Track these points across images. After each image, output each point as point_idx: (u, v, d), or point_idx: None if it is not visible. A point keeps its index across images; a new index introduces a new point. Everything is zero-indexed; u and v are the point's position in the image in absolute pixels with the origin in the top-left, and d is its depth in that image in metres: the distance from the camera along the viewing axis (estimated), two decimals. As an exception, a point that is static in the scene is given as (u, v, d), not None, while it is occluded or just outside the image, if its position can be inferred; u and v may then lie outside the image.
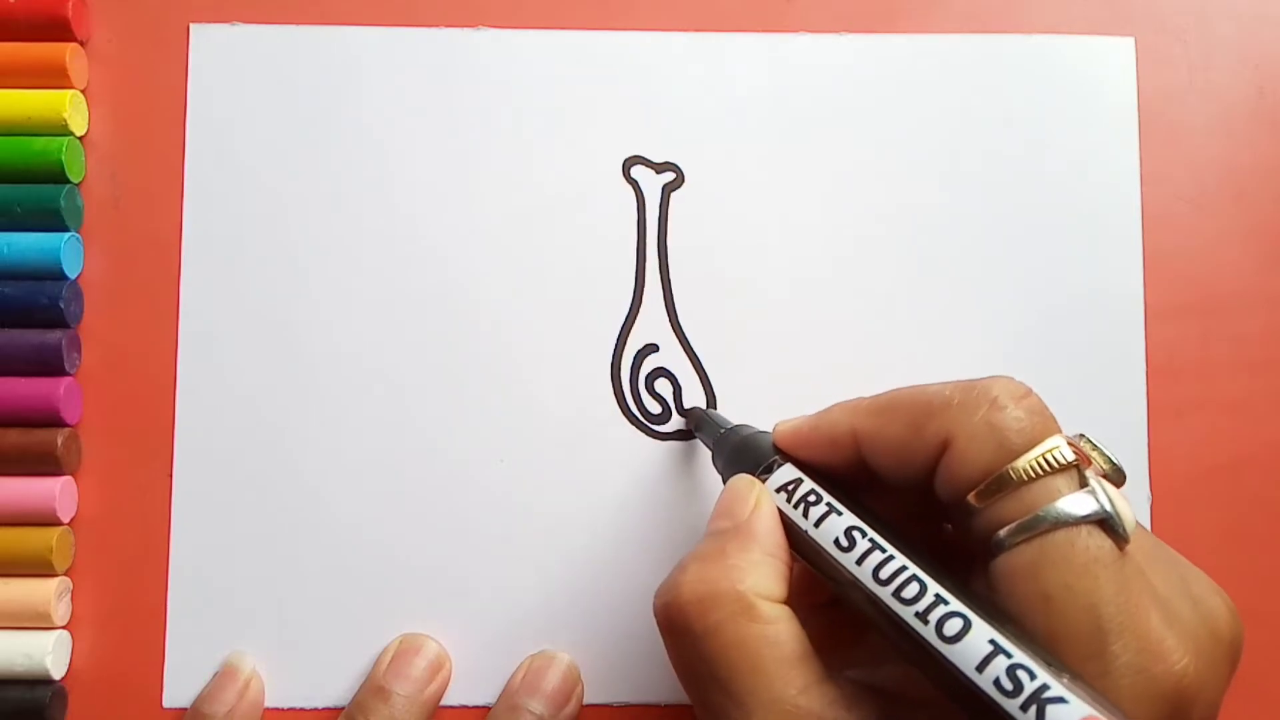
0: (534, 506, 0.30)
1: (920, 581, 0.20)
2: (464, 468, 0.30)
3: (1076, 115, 0.31)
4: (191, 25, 0.31)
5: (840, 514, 0.22)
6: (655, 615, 0.23)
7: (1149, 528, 0.29)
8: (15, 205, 0.29)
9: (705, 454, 0.30)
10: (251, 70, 0.31)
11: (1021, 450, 0.20)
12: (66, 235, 0.30)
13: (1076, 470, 0.20)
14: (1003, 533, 0.20)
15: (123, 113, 0.31)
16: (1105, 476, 0.21)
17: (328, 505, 0.30)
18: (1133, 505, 0.21)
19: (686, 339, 0.31)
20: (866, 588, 0.21)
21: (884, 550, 0.21)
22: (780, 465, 0.24)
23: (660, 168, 0.31)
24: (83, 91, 0.31)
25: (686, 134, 0.31)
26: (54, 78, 0.30)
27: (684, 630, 0.22)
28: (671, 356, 0.31)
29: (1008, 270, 0.31)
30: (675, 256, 0.31)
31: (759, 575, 0.22)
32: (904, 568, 0.21)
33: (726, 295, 0.31)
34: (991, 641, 0.19)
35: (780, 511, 0.23)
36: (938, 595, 0.20)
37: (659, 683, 0.30)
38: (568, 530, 0.30)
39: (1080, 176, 0.31)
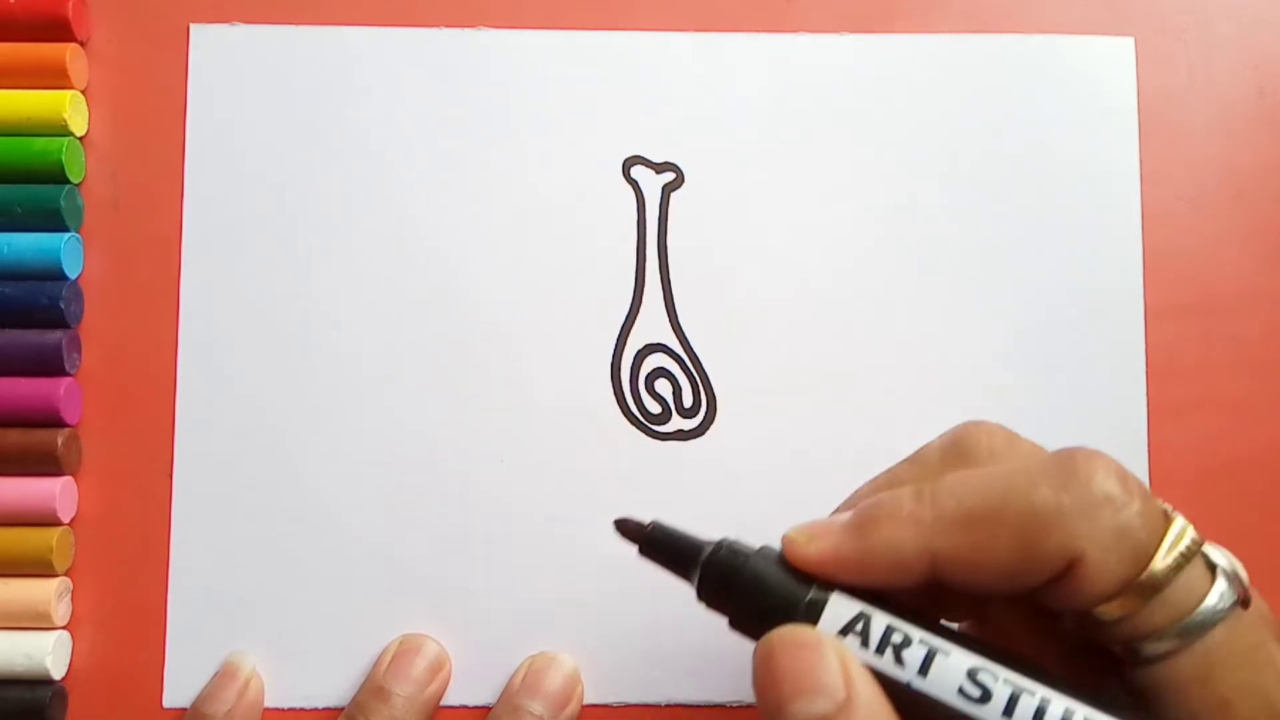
0: (533, 506, 0.30)
1: None
2: (464, 467, 0.30)
3: (1076, 115, 0.31)
4: (191, 25, 0.31)
5: (948, 654, 0.18)
6: None
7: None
8: (15, 205, 0.29)
9: (705, 453, 0.30)
10: (251, 70, 0.31)
11: (1153, 548, 0.18)
12: (66, 235, 0.30)
13: (1202, 555, 0.19)
14: (1157, 643, 0.18)
15: (123, 113, 0.31)
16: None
17: (328, 505, 0.30)
18: None
19: (686, 339, 0.31)
20: None
21: (1032, 693, 0.17)
22: (825, 597, 0.19)
23: (660, 168, 0.31)
24: (83, 91, 0.31)
25: (686, 134, 0.31)
26: (54, 78, 0.30)
27: None
28: (671, 356, 0.31)
29: (1008, 270, 0.31)
30: (675, 256, 0.31)
31: None
32: (1071, 711, 0.17)
33: (726, 295, 0.31)
34: None
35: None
36: None
37: (659, 682, 0.30)
38: (567, 530, 0.30)
39: (1080, 177, 0.31)
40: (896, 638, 0.18)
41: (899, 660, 0.18)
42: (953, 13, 0.31)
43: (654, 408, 0.30)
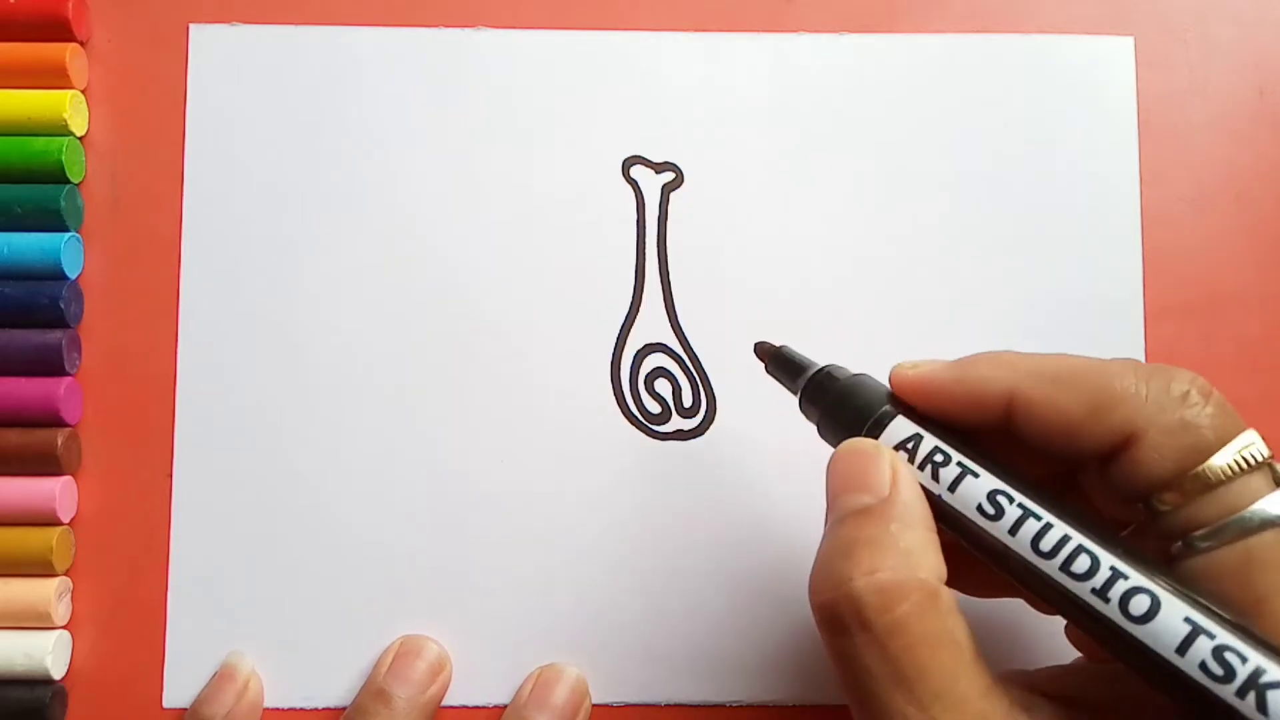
0: (533, 506, 0.30)
1: (1090, 554, 0.19)
2: (463, 467, 0.30)
3: (1076, 115, 0.31)
4: (191, 25, 0.31)
5: (978, 475, 0.20)
6: (817, 610, 0.20)
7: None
8: (15, 205, 0.29)
9: (705, 454, 0.30)
10: (251, 70, 0.31)
11: (1215, 448, 0.19)
12: (66, 235, 0.30)
13: (1270, 468, 0.20)
14: (1200, 534, 0.19)
15: (123, 113, 0.31)
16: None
17: (327, 505, 0.30)
18: None
19: (686, 339, 0.31)
20: (1029, 562, 0.19)
21: (1039, 517, 0.19)
22: (892, 418, 0.22)
23: (660, 168, 0.31)
24: (83, 91, 0.31)
25: (686, 134, 0.31)
26: (54, 78, 0.30)
27: (860, 626, 0.19)
28: (671, 356, 0.31)
29: (1007, 270, 0.31)
30: (675, 256, 0.31)
31: (933, 559, 0.20)
32: (1067, 537, 0.19)
33: (726, 295, 0.31)
34: (1188, 620, 0.18)
35: None
36: (1114, 569, 0.18)
37: (660, 682, 0.29)
38: (567, 530, 0.30)
39: (1080, 176, 0.31)
40: (938, 457, 0.21)
41: (935, 477, 0.21)
42: (953, 13, 0.31)
43: (654, 408, 0.30)
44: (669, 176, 0.31)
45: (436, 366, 0.30)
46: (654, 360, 0.31)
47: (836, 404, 0.23)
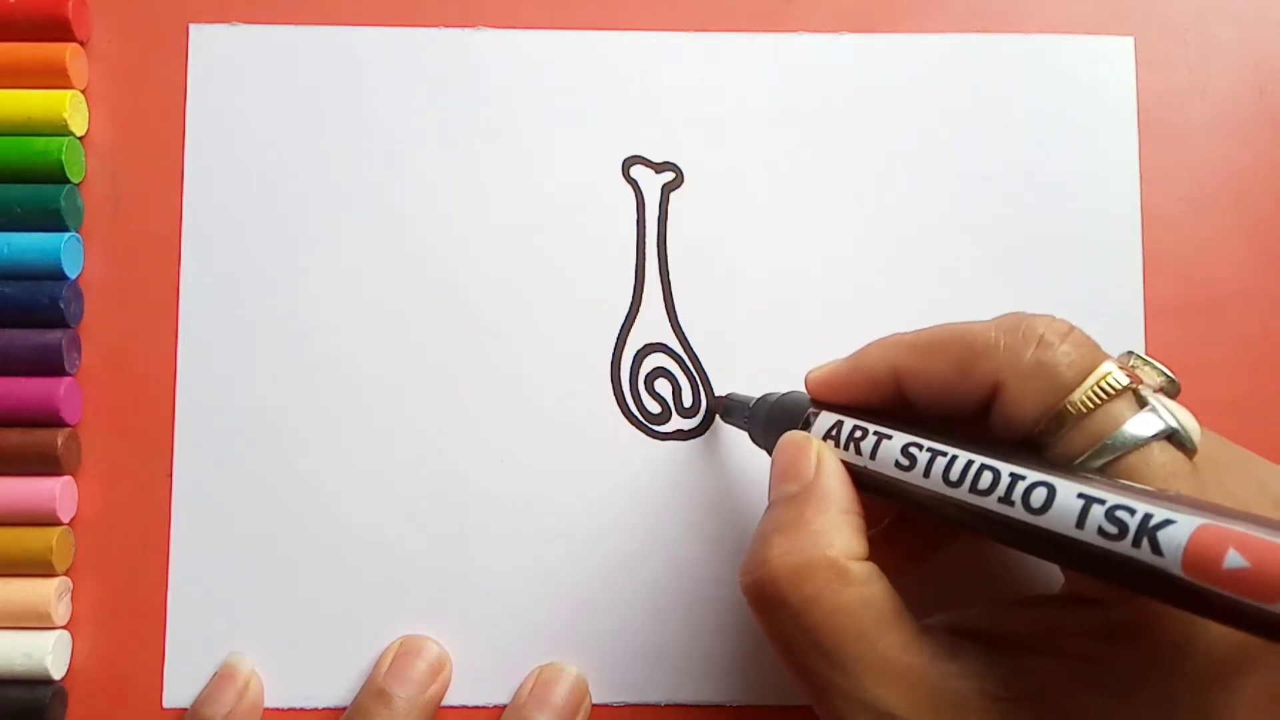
0: (533, 506, 0.30)
1: (990, 468, 0.20)
2: (463, 467, 0.30)
3: (1076, 115, 0.31)
4: (191, 25, 0.31)
5: (891, 437, 0.22)
6: (745, 592, 0.23)
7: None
8: (15, 205, 0.29)
9: (705, 453, 0.30)
10: (251, 70, 0.31)
11: (1075, 384, 0.21)
12: (66, 235, 0.30)
13: (1133, 393, 0.21)
14: (1078, 464, 0.20)
15: (123, 113, 0.31)
16: (1161, 391, 0.22)
17: (327, 505, 0.30)
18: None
19: (686, 339, 0.31)
20: (945, 495, 0.21)
21: (945, 453, 0.21)
22: (817, 415, 0.24)
23: (660, 168, 0.31)
24: (83, 91, 0.31)
25: (686, 134, 0.31)
26: (54, 78, 0.30)
27: (779, 604, 0.22)
28: (671, 356, 0.31)
29: (1007, 270, 0.31)
30: (675, 256, 0.31)
31: (844, 537, 0.22)
32: (970, 461, 0.21)
33: (726, 295, 0.31)
34: (1080, 495, 0.19)
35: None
36: (1013, 474, 0.20)
37: (660, 682, 0.30)
38: (567, 530, 0.30)
39: (1080, 177, 0.31)
40: (858, 434, 0.23)
41: (859, 451, 0.23)
42: (953, 13, 0.31)
43: (654, 408, 0.30)
44: (669, 176, 0.31)
45: (436, 366, 0.30)
46: (654, 360, 0.31)
47: (770, 419, 0.26)
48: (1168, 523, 0.17)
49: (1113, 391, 0.20)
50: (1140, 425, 0.20)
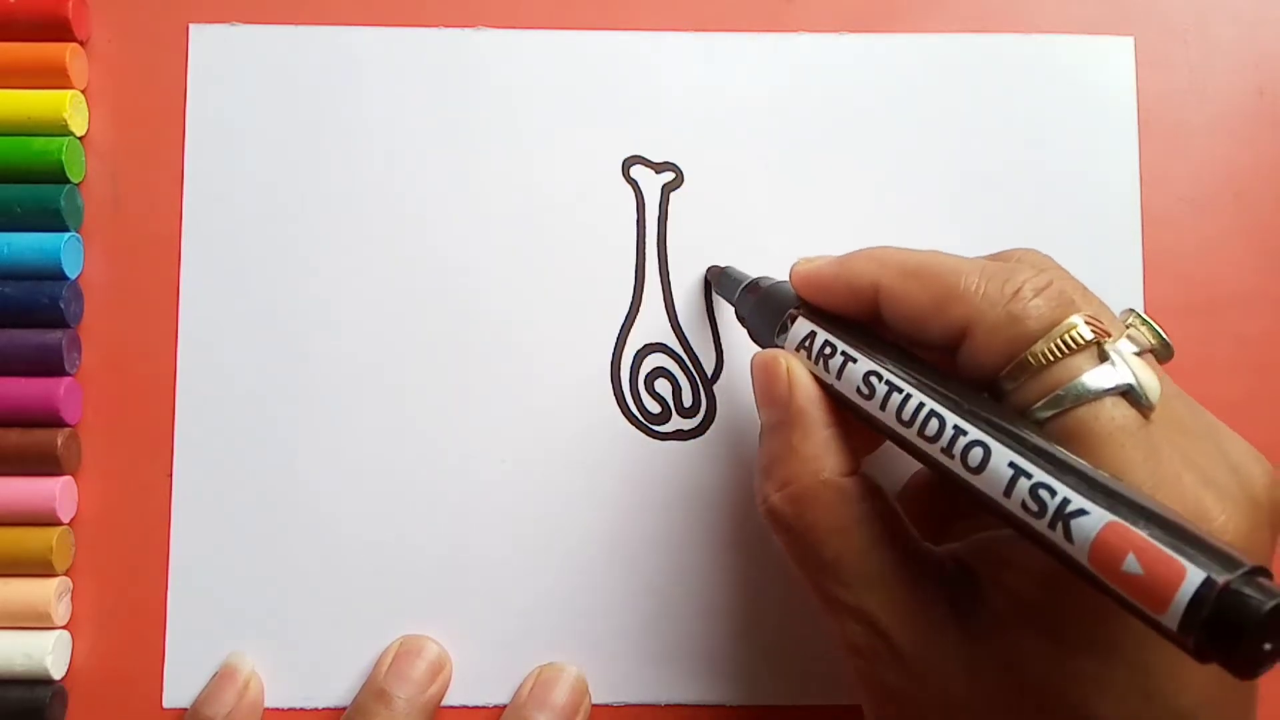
0: (533, 506, 0.30)
1: (939, 416, 0.21)
2: (464, 467, 0.30)
3: (1076, 115, 0.31)
4: (191, 25, 0.31)
5: (856, 360, 0.23)
6: (763, 519, 0.24)
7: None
8: (15, 205, 0.29)
9: (705, 453, 0.30)
10: (251, 70, 0.31)
11: (1039, 335, 0.21)
12: (66, 235, 0.30)
13: (1097, 347, 0.21)
14: (1033, 410, 0.21)
15: (123, 113, 0.31)
16: (1153, 352, 0.22)
17: (327, 505, 0.30)
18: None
19: (686, 339, 0.31)
20: (896, 431, 0.22)
21: (901, 390, 0.22)
22: (795, 320, 0.25)
23: (660, 168, 0.31)
24: (83, 91, 0.31)
25: (686, 134, 0.31)
26: (54, 78, 0.30)
27: (785, 530, 0.23)
28: (671, 356, 0.31)
29: (1008, 270, 0.31)
30: (675, 256, 0.31)
31: (832, 457, 0.23)
32: (922, 404, 0.21)
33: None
34: (1012, 465, 0.19)
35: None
36: (956, 427, 0.20)
37: (660, 682, 0.30)
38: (567, 530, 0.30)
39: (1080, 177, 0.31)
40: (827, 350, 0.23)
41: (826, 367, 0.23)
42: (953, 13, 0.31)
43: (654, 408, 0.30)
44: (669, 176, 0.31)
45: (436, 366, 0.30)
46: (654, 360, 0.31)
47: (756, 310, 0.27)
48: (1081, 513, 0.18)
49: (1076, 345, 0.21)
50: (1096, 378, 0.20)
